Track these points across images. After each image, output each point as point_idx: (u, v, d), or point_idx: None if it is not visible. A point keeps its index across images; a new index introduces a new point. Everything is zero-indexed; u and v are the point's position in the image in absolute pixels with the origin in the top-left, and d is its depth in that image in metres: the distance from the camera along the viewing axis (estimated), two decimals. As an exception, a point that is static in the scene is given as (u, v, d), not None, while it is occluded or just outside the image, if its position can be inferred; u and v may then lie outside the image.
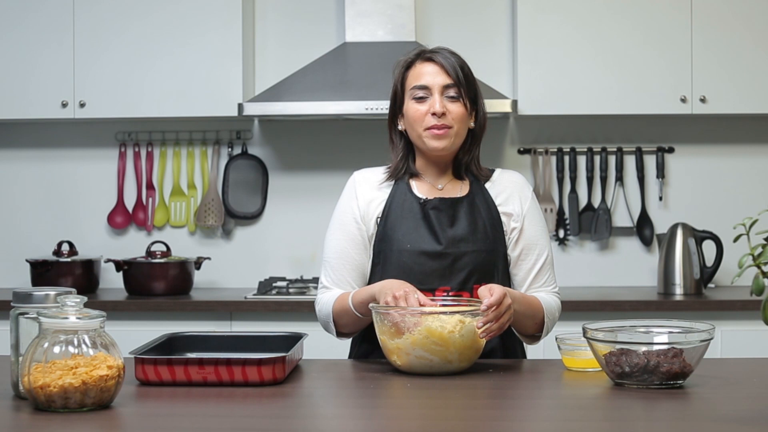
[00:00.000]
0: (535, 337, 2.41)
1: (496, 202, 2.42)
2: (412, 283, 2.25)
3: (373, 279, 2.39)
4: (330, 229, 2.46)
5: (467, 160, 2.43)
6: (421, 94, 2.36)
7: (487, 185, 2.44)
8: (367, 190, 2.44)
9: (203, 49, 4.19)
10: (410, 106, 2.38)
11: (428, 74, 2.36)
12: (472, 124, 2.41)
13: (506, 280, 2.41)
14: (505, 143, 4.45)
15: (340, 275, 2.41)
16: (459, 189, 2.43)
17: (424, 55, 2.39)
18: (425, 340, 2.10)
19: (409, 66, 2.41)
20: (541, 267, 2.42)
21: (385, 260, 2.38)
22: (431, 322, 2.10)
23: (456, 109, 2.35)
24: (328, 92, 4.05)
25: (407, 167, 2.44)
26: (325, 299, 2.40)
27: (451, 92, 2.35)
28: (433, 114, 2.33)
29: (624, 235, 4.43)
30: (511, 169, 2.52)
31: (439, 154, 2.38)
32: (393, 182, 2.44)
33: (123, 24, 4.20)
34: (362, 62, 4.17)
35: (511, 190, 2.44)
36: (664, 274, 4.13)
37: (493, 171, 2.47)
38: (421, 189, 2.42)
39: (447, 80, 2.35)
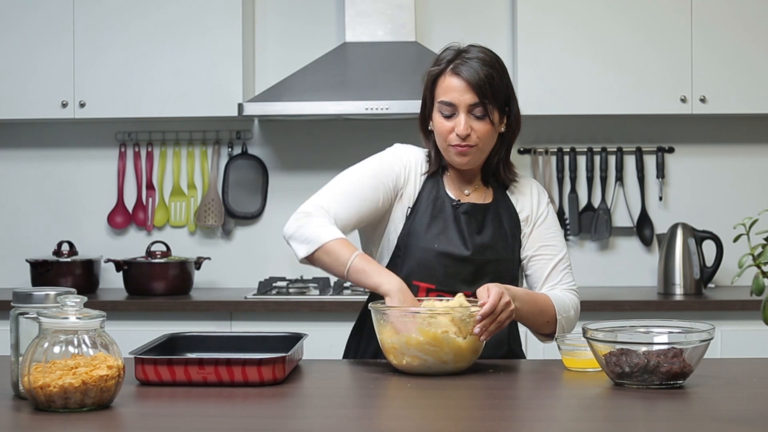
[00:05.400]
0: (549, 336, 2.38)
1: (517, 209, 2.43)
2: (432, 283, 2.26)
3: (392, 270, 2.32)
4: (352, 168, 2.40)
5: (496, 163, 2.41)
6: (447, 111, 2.32)
7: (509, 192, 2.44)
8: (411, 175, 2.40)
9: (203, 49, 4.19)
10: (437, 119, 2.35)
11: (455, 91, 2.31)
12: (502, 129, 2.39)
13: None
14: (505, 143, 4.45)
15: (344, 208, 2.32)
16: (483, 196, 2.42)
17: (453, 66, 2.32)
18: (419, 341, 2.10)
19: (438, 76, 2.35)
20: (554, 266, 2.40)
21: (407, 254, 2.35)
22: (424, 322, 2.10)
23: (481, 128, 2.32)
24: (328, 92, 4.06)
25: (441, 160, 2.41)
26: (323, 224, 2.29)
27: (477, 112, 2.31)
28: (457, 135, 2.32)
29: (624, 235, 4.43)
30: (524, 174, 2.52)
31: (462, 168, 2.38)
32: (426, 175, 2.41)
33: (123, 24, 4.20)
34: (362, 62, 4.17)
35: (529, 197, 2.45)
36: (664, 274, 4.13)
37: (517, 174, 2.46)
38: (451, 190, 2.41)
39: (473, 99, 2.30)
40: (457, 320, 2.11)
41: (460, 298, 2.19)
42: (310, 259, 2.30)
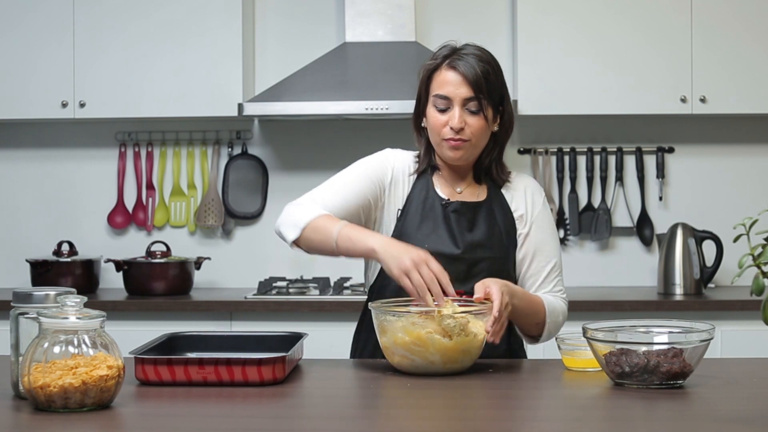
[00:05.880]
0: (535, 337, 2.40)
1: (512, 208, 2.42)
2: None
3: (385, 273, 2.30)
4: (342, 171, 2.43)
5: (488, 163, 2.41)
6: (442, 105, 2.32)
7: (503, 190, 2.43)
8: (399, 176, 2.40)
9: (203, 49, 4.19)
10: (431, 113, 2.35)
11: (450, 84, 2.31)
12: (495, 128, 2.38)
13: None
14: (505, 143, 4.44)
15: (333, 199, 2.35)
16: (477, 194, 2.42)
17: (449, 61, 2.33)
18: (405, 340, 2.10)
19: (434, 70, 2.36)
20: (549, 272, 2.41)
21: None
22: (409, 322, 2.10)
23: (475, 122, 2.32)
24: (328, 92, 4.06)
25: (431, 159, 2.41)
26: (310, 208, 2.33)
27: (472, 106, 2.31)
28: (452, 128, 2.32)
29: (624, 235, 4.43)
30: (520, 173, 2.51)
31: (455, 163, 2.38)
32: (416, 176, 2.41)
33: (123, 24, 4.20)
34: (362, 62, 4.17)
35: (523, 195, 2.44)
36: (664, 274, 4.13)
37: (509, 173, 2.46)
38: (442, 189, 2.41)
39: (468, 93, 2.30)
40: (439, 320, 2.10)
41: (452, 306, 2.17)
42: (300, 243, 2.31)
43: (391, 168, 2.41)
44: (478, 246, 2.35)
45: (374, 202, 2.39)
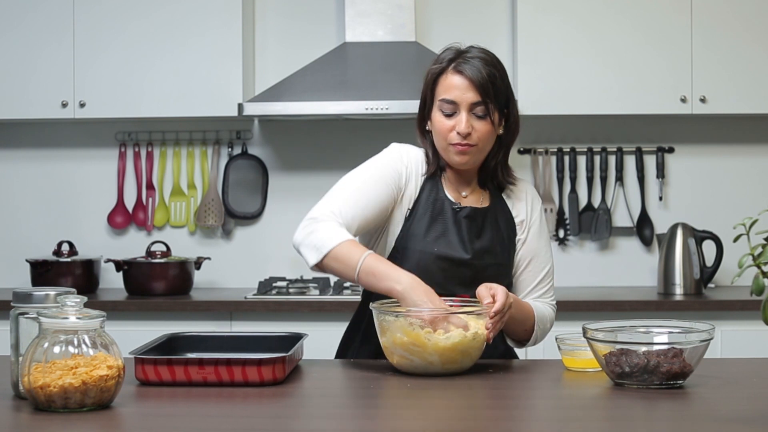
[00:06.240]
0: (521, 342, 2.41)
1: (513, 213, 2.42)
2: (431, 286, 2.20)
3: None
4: (354, 171, 2.36)
5: (493, 166, 2.40)
6: (448, 110, 2.31)
7: (504, 195, 2.44)
8: (412, 176, 2.38)
9: (203, 49, 4.19)
10: (437, 118, 2.33)
11: (457, 89, 2.30)
12: (501, 131, 2.37)
13: None
14: (505, 143, 4.44)
15: (353, 211, 2.28)
16: (480, 199, 2.42)
17: (455, 65, 2.32)
18: (403, 341, 2.10)
19: (439, 74, 2.34)
20: (542, 279, 2.42)
21: (405, 256, 2.32)
22: (407, 322, 2.10)
23: (482, 127, 2.31)
24: (328, 92, 4.06)
25: (439, 161, 2.39)
26: (331, 228, 2.23)
27: (479, 111, 2.29)
28: (459, 133, 2.31)
29: (624, 235, 4.43)
30: (521, 178, 2.51)
31: (461, 168, 2.37)
32: (425, 176, 2.39)
33: (123, 24, 4.20)
34: (362, 62, 4.17)
35: (524, 201, 2.45)
36: (664, 274, 4.13)
37: (514, 179, 2.46)
38: (449, 193, 2.40)
39: (475, 98, 2.29)
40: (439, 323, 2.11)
41: (459, 331, 2.14)
42: (320, 267, 2.26)
43: (405, 167, 2.38)
44: (485, 252, 2.36)
45: (392, 207, 2.36)
